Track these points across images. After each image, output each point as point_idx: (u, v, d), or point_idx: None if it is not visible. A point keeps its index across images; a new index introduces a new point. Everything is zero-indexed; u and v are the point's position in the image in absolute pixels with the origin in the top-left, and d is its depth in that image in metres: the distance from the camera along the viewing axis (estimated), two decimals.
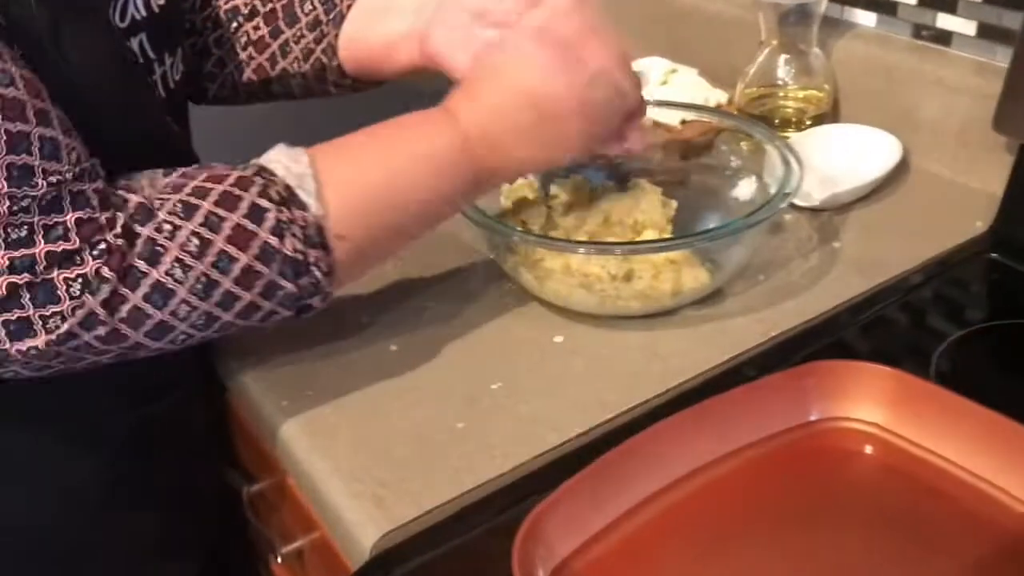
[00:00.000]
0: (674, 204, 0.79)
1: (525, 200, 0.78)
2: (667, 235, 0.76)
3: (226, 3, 0.81)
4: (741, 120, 0.85)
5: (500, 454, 0.62)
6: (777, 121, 0.97)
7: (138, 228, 0.56)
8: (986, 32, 0.87)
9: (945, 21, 0.90)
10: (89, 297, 0.54)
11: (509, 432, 0.64)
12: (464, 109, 0.65)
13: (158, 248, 0.56)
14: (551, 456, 0.63)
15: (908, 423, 0.61)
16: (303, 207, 0.60)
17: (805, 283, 0.77)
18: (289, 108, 0.87)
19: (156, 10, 0.70)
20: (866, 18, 0.97)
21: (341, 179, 0.62)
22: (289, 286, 0.60)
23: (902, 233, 0.83)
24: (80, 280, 0.54)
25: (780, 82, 0.96)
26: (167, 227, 0.57)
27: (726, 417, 0.60)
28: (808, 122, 0.96)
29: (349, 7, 0.78)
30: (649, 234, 0.76)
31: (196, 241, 0.57)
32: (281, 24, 0.80)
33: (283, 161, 0.61)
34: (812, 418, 0.62)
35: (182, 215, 0.57)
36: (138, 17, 0.68)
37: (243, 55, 0.80)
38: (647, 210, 0.77)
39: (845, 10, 0.98)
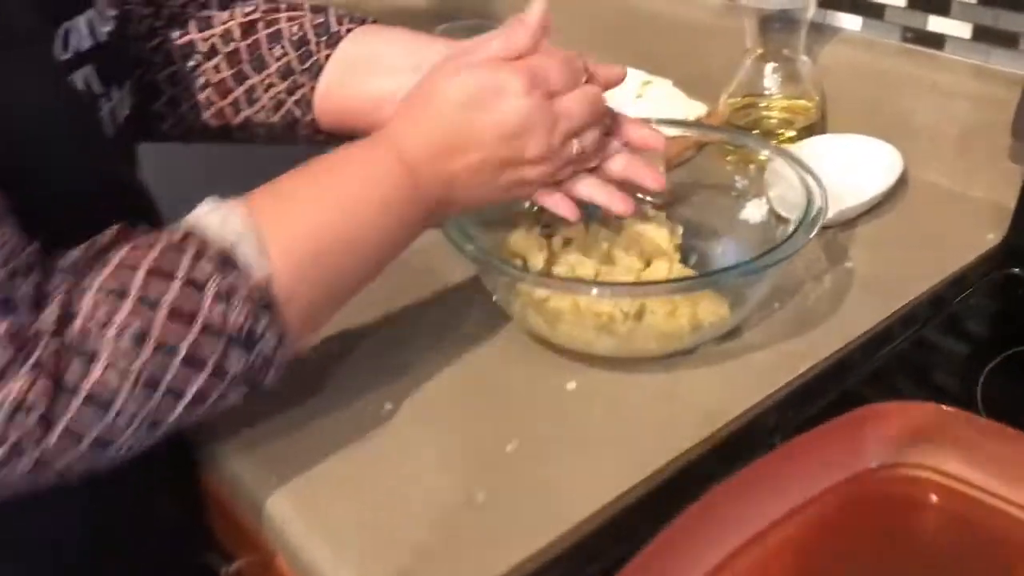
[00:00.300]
0: (680, 230, 0.73)
1: (521, 234, 0.70)
2: (675, 263, 0.70)
3: (180, 37, 0.72)
4: (747, 137, 0.80)
5: (531, 529, 0.55)
6: (758, 132, 0.92)
7: (66, 328, 0.48)
8: (982, 35, 0.83)
9: (937, 24, 0.86)
10: (14, 425, 0.46)
11: (537, 501, 0.57)
12: (407, 137, 0.60)
13: (88, 348, 0.48)
14: (590, 526, 0.56)
15: (973, 467, 0.55)
16: (245, 269, 0.52)
17: (824, 309, 0.72)
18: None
19: (103, 39, 0.61)
20: (851, 22, 0.92)
21: (284, 232, 0.55)
22: (239, 364, 0.52)
23: (913, 249, 0.79)
24: (5, 406, 0.46)
25: (766, 91, 0.91)
26: (97, 319, 0.48)
27: (784, 473, 0.54)
28: (792, 133, 0.92)
29: (328, 57, 0.70)
30: (659, 265, 0.70)
31: (132, 331, 0.48)
32: (247, 68, 0.71)
33: (214, 219, 0.53)
34: (872, 465, 0.56)
35: (111, 300, 0.49)
36: (83, 48, 0.59)
37: (200, 97, 0.72)
38: (653, 238, 0.71)
39: (828, 14, 0.93)
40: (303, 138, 0.73)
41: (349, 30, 0.72)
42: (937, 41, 0.86)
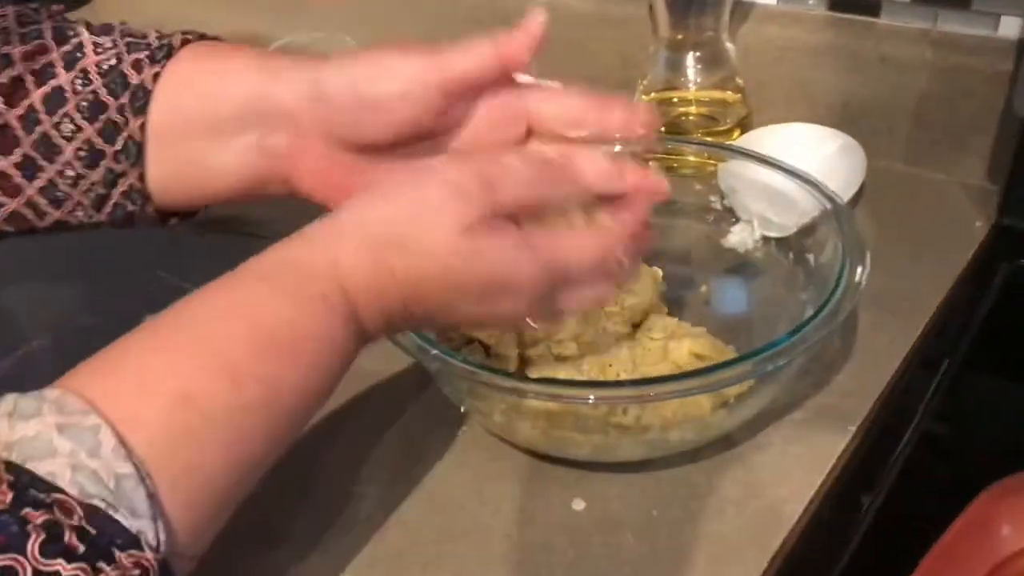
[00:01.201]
0: (659, 273, 0.58)
1: None
2: (668, 321, 0.56)
3: None
4: (726, 148, 0.65)
5: None
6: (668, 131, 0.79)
7: None
8: None
9: None
10: None
11: None
12: (367, 310, 0.41)
13: None
14: None
15: None
16: (132, 545, 0.31)
17: (838, 343, 0.59)
18: None
19: None
20: None
21: (183, 459, 0.34)
22: None
23: (900, 249, 0.66)
24: None
25: (686, 84, 0.78)
26: None
27: None
28: (705, 129, 0.79)
29: (143, 127, 0.49)
30: (654, 326, 0.55)
31: None
32: (33, 153, 0.49)
33: (64, 446, 0.31)
34: (1007, 553, 0.44)
35: None
36: None
37: None
38: (636, 289, 0.56)
39: None
40: (151, 225, 0.53)
41: (156, 76, 0.49)
42: (871, 8, 0.76)
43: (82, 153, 0.49)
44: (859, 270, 0.49)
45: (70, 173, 0.49)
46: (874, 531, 0.48)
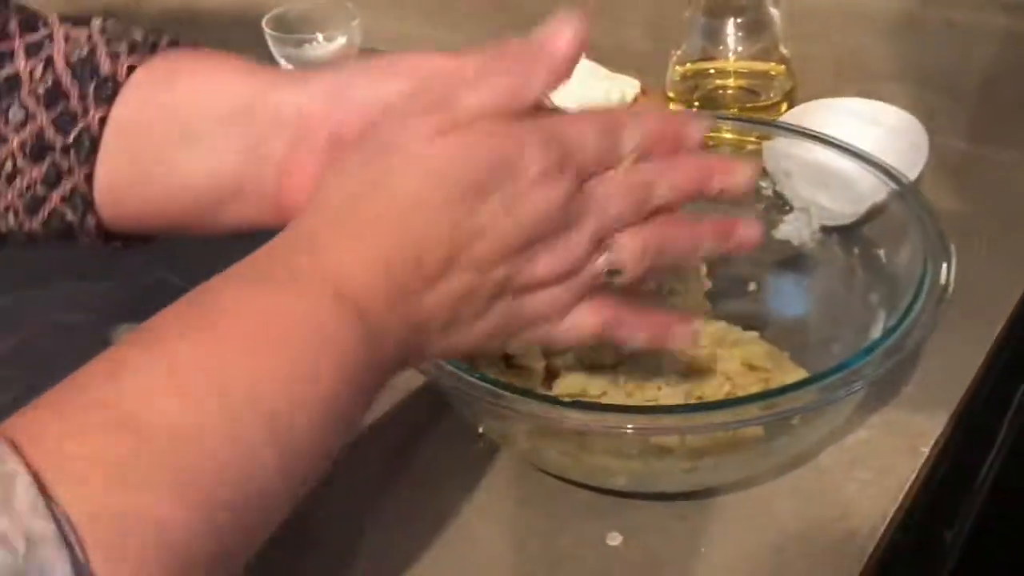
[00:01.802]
0: (704, 269, 0.51)
1: None
2: (716, 325, 0.49)
3: None
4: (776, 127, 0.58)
5: None
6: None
7: None
8: None
9: None
10: None
11: None
12: (347, 258, 0.34)
13: None
14: None
15: None
16: None
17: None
18: None
19: None
20: None
21: (145, 522, 0.27)
22: None
23: (969, 240, 0.58)
24: None
25: (724, 54, 0.71)
26: None
27: None
28: (745, 103, 0.72)
29: (103, 121, 0.41)
30: (702, 328, 0.48)
31: None
32: None
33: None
34: None
35: None
36: None
37: None
38: (678, 288, 0.49)
39: None
40: (89, 245, 0.44)
41: (131, 68, 0.42)
42: None
43: (28, 143, 0.42)
44: (944, 268, 0.42)
45: (8, 165, 0.42)
46: (962, 572, 0.41)
